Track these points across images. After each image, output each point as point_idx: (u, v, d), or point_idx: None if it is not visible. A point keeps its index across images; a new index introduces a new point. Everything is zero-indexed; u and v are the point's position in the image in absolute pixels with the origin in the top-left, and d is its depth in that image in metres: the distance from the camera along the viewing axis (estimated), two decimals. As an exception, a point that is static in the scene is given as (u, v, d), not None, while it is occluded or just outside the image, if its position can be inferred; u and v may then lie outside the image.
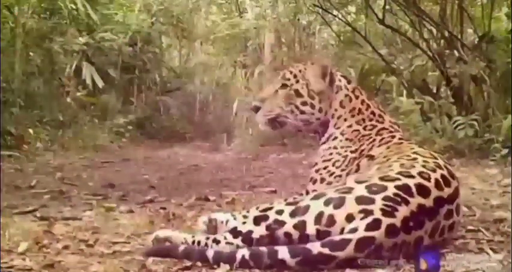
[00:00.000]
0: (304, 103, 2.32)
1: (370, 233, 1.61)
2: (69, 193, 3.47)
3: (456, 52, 5.55)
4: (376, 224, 1.63)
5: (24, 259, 1.79)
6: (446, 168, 1.92)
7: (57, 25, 8.47)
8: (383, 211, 1.65)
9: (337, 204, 1.68)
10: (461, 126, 4.95)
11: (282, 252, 1.62)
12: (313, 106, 2.32)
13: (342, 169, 2.21)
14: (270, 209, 1.77)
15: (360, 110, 2.33)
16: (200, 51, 12.68)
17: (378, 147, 2.19)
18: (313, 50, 9.95)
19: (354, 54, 7.92)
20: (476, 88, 5.49)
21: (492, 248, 1.89)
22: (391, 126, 2.33)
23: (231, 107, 10.54)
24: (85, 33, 8.94)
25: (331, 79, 2.32)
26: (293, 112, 2.32)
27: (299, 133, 2.57)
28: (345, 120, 2.32)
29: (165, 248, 1.84)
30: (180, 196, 3.39)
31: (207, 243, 1.79)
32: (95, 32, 9.07)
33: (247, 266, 1.65)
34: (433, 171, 1.84)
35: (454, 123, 5.09)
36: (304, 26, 10.02)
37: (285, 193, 3.38)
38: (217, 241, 1.77)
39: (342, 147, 2.27)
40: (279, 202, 1.92)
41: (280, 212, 1.74)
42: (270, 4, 10.12)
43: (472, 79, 5.33)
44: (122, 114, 9.40)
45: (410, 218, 1.68)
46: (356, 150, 2.24)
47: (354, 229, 1.62)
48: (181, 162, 6.37)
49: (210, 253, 1.71)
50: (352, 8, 8.42)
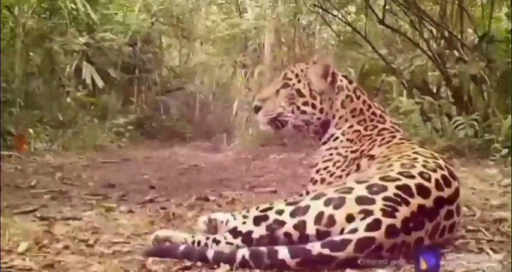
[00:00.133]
0: (305, 103, 2.30)
1: (370, 234, 1.61)
2: (69, 193, 3.48)
3: (456, 52, 5.54)
4: (376, 225, 1.63)
5: (24, 259, 1.79)
6: (447, 168, 1.91)
7: (57, 25, 8.48)
8: (383, 212, 1.65)
9: (337, 204, 1.68)
10: (461, 126, 4.94)
11: (282, 252, 1.62)
12: (314, 107, 2.30)
13: (343, 170, 2.21)
14: (270, 209, 1.77)
15: (361, 110, 2.32)
16: (200, 51, 12.68)
17: (379, 147, 2.18)
18: (313, 50, 9.95)
19: (354, 54, 7.91)
20: (476, 88, 5.48)
21: (492, 248, 1.89)
22: (392, 127, 2.32)
23: (231, 107, 10.56)
24: (85, 33, 8.95)
25: (333, 79, 2.30)
26: (294, 113, 2.30)
27: (299, 133, 2.55)
28: (346, 120, 2.31)
29: (165, 248, 1.84)
30: (180, 196, 3.39)
31: (207, 243, 1.79)
32: (95, 32, 9.07)
33: (247, 266, 1.65)
34: (434, 171, 1.84)
35: (454, 123, 5.09)
36: (304, 26, 10.02)
37: (285, 193, 3.38)
38: (217, 241, 1.77)
39: (342, 147, 2.27)
40: (279, 202, 1.92)
41: (280, 212, 1.74)
42: (270, 4, 10.11)
43: (472, 79, 5.32)
44: (122, 114, 9.41)
45: (411, 219, 1.68)
46: (357, 150, 2.23)
47: (354, 230, 1.62)
48: (181, 162, 6.37)
49: (210, 253, 1.71)
50: (352, 8, 8.41)
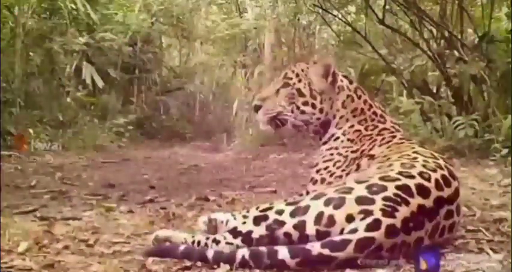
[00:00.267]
0: (305, 103, 2.30)
1: (370, 234, 1.61)
2: (69, 193, 3.48)
3: (456, 52, 5.54)
4: (376, 225, 1.63)
5: (24, 259, 1.79)
6: (447, 168, 1.91)
7: (57, 25, 8.47)
8: (383, 212, 1.65)
9: (337, 204, 1.68)
10: (461, 126, 4.94)
11: (282, 252, 1.62)
12: (314, 107, 2.29)
13: (343, 170, 2.20)
14: (270, 209, 1.77)
15: (362, 110, 2.32)
16: (200, 51, 12.68)
17: (379, 146, 2.18)
18: (313, 50, 9.95)
19: (354, 54, 7.91)
20: (476, 88, 5.48)
21: (492, 248, 1.89)
22: (393, 126, 2.32)
23: (231, 107, 10.56)
24: (85, 33, 8.94)
25: (334, 79, 2.30)
26: (294, 112, 2.30)
27: (299, 133, 2.55)
28: (346, 120, 2.31)
29: (165, 248, 1.84)
30: (180, 196, 3.39)
31: (207, 243, 1.79)
32: (95, 32, 9.07)
33: (247, 266, 1.65)
34: (434, 171, 1.84)
35: (454, 123, 5.09)
36: (304, 26, 10.02)
37: (285, 193, 3.38)
38: (217, 241, 1.77)
39: (343, 147, 2.27)
40: (279, 202, 1.92)
41: (280, 212, 1.74)
42: (270, 4, 10.11)
43: (472, 79, 5.32)
44: (122, 114, 9.41)
45: (411, 219, 1.68)
46: (357, 150, 2.23)
47: (354, 230, 1.62)
48: (181, 162, 6.38)
49: (210, 253, 1.71)
50: (352, 8, 8.41)
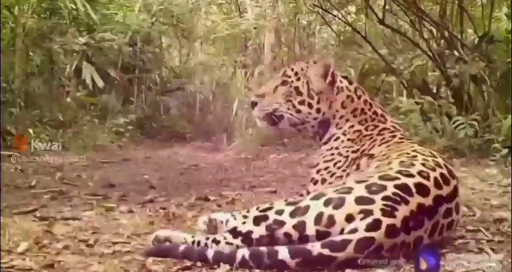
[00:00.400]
0: (302, 102, 2.30)
1: (370, 234, 1.61)
2: (69, 193, 3.47)
3: (456, 52, 5.54)
4: (376, 225, 1.63)
5: (24, 259, 1.79)
6: (446, 167, 1.92)
7: (57, 25, 8.47)
8: (383, 211, 1.65)
9: (337, 204, 1.68)
10: (461, 126, 4.93)
11: (282, 252, 1.62)
12: (310, 106, 2.29)
13: (343, 170, 2.20)
14: (270, 209, 1.77)
15: (363, 110, 2.32)
16: (200, 51, 12.69)
17: (379, 146, 2.18)
18: (313, 50, 9.95)
19: (354, 54, 7.92)
20: (476, 88, 5.48)
21: (492, 248, 1.89)
22: (393, 126, 2.32)
23: (231, 107, 10.56)
24: (85, 33, 8.94)
25: (333, 79, 2.30)
26: (290, 110, 2.30)
27: (299, 133, 2.55)
28: (346, 120, 2.31)
29: (165, 248, 1.84)
30: (180, 196, 3.39)
31: (207, 243, 1.78)
32: (95, 32, 9.07)
33: (247, 266, 1.65)
34: (433, 169, 1.84)
35: (454, 123, 5.08)
36: (304, 26, 10.02)
37: (285, 193, 3.38)
38: (217, 241, 1.77)
39: (343, 147, 2.26)
40: (279, 202, 1.92)
41: (280, 212, 1.74)
42: (270, 4, 10.12)
43: (472, 79, 5.32)
44: (122, 114, 9.40)
45: (410, 218, 1.68)
46: (357, 150, 2.23)
47: (354, 230, 1.62)
48: (181, 162, 6.38)
49: (210, 253, 1.71)
50: (352, 8, 8.42)
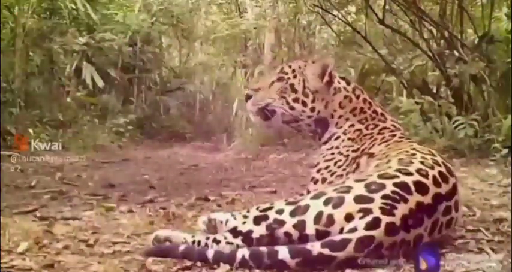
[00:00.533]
0: (296, 99, 2.29)
1: (369, 233, 1.62)
2: (69, 193, 3.47)
3: (456, 52, 5.54)
4: (375, 223, 1.63)
5: (24, 259, 1.79)
6: (445, 165, 1.92)
7: (57, 25, 8.47)
8: (382, 210, 1.65)
9: (336, 204, 1.68)
10: (461, 126, 4.93)
11: (282, 252, 1.62)
12: (304, 104, 2.29)
13: (343, 169, 2.20)
14: (270, 209, 1.77)
15: (362, 109, 2.32)
16: (200, 51, 12.68)
17: (379, 145, 2.18)
18: (313, 50, 9.95)
19: (354, 54, 7.91)
20: (476, 88, 5.48)
21: (492, 248, 1.89)
22: (393, 125, 2.32)
23: (231, 107, 10.55)
24: (85, 33, 8.94)
25: (330, 80, 2.29)
26: (282, 107, 2.30)
27: (299, 133, 2.55)
28: (346, 119, 2.30)
29: (165, 248, 1.84)
30: (180, 196, 3.39)
31: (207, 243, 1.78)
32: (95, 32, 9.06)
33: (247, 266, 1.65)
34: (431, 167, 1.85)
35: (454, 123, 5.08)
36: (304, 26, 10.02)
37: (285, 193, 3.38)
38: (217, 241, 1.77)
39: (344, 146, 2.26)
40: (279, 202, 1.92)
41: (280, 212, 1.74)
42: (270, 4, 10.12)
43: (472, 79, 5.32)
44: (122, 114, 9.40)
45: (410, 216, 1.68)
46: (357, 149, 2.22)
47: (353, 229, 1.62)
48: (181, 162, 6.37)
49: (210, 253, 1.71)
50: (352, 8, 8.42)
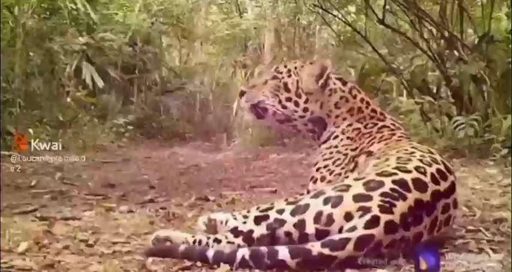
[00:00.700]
0: (288, 98, 2.30)
1: (369, 231, 1.62)
2: (69, 193, 3.47)
3: (456, 52, 5.55)
4: (374, 222, 1.63)
5: (24, 259, 1.79)
6: (443, 163, 1.92)
7: (57, 25, 8.48)
8: (381, 208, 1.65)
9: (336, 203, 1.68)
10: (461, 126, 4.93)
11: (282, 252, 1.62)
12: (297, 104, 2.30)
13: (342, 168, 2.20)
14: (270, 209, 1.77)
15: (360, 109, 2.32)
16: (200, 51, 12.68)
17: (378, 143, 2.18)
18: (313, 50, 9.95)
19: (354, 54, 7.92)
20: (476, 88, 5.48)
21: (492, 248, 1.89)
22: (392, 124, 2.32)
23: (231, 107, 10.56)
24: (85, 33, 8.94)
25: (325, 82, 2.29)
26: (275, 105, 2.31)
27: (299, 133, 2.56)
28: (344, 119, 2.30)
29: (165, 248, 1.84)
30: (180, 196, 3.39)
31: (208, 242, 1.78)
32: (95, 32, 9.07)
33: (247, 267, 1.65)
34: (429, 165, 1.85)
35: (454, 123, 5.09)
36: (304, 26, 10.03)
37: (285, 193, 3.38)
38: (218, 241, 1.77)
39: (342, 145, 2.26)
40: (280, 202, 1.92)
41: (280, 211, 1.74)
42: (270, 4, 10.13)
43: (472, 79, 5.33)
44: (122, 114, 9.40)
45: (409, 214, 1.68)
46: (356, 148, 2.23)
47: (353, 228, 1.62)
48: (181, 162, 6.37)
49: (210, 253, 1.71)
50: (352, 8, 8.41)
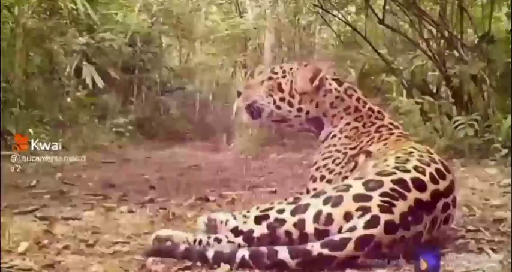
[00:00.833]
0: (282, 99, 2.31)
1: (368, 231, 1.61)
2: (69, 193, 3.48)
3: (456, 52, 5.55)
4: (374, 222, 1.63)
5: (24, 259, 1.79)
6: (441, 162, 1.93)
7: (57, 25, 8.46)
8: (380, 208, 1.65)
9: (335, 202, 1.68)
10: (461, 126, 4.94)
11: (282, 253, 1.62)
12: (291, 104, 2.31)
13: (342, 167, 2.20)
14: (270, 209, 1.78)
15: (356, 108, 2.32)
16: (200, 51, 12.69)
17: (376, 143, 2.18)
18: (313, 50, 9.96)
19: (354, 54, 7.93)
20: (476, 88, 5.49)
21: (492, 248, 1.89)
22: (391, 123, 2.32)
23: (231, 107, 10.55)
24: (85, 33, 8.94)
25: (320, 84, 2.30)
26: (269, 106, 2.32)
27: (299, 133, 2.56)
28: (341, 118, 2.30)
29: (165, 248, 1.84)
30: (180, 196, 3.39)
31: (209, 242, 1.79)
32: (95, 32, 9.06)
33: (247, 267, 1.65)
34: (428, 165, 1.85)
35: (454, 123, 5.09)
36: (304, 26, 10.03)
37: (285, 193, 3.38)
38: (218, 240, 1.77)
39: (341, 144, 2.26)
40: (280, 202, 1.92)
41: (280, 211, 1.74)
42: (270, 4, 10.13)
43: (472, 79, 5.33)
44: (122, 114, 9.40)
45: (409, 214, 1.68)
46: (355, 147, 2.23)
47: (353, 228, 1.62)
48: (181, 162, 6.37)
49: (210, 253, 1.71)
50: (352, 8, 8.43)
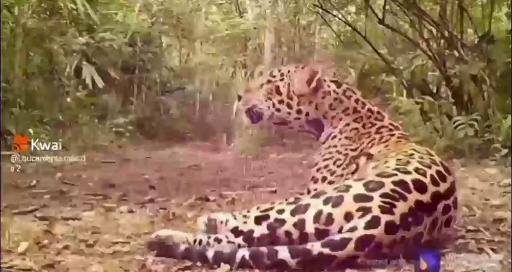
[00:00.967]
0: (281, 101, 2.32)
1: (369, 232, 1.62)
2: (69, 193, 3.48)
3: (456, 52, 5.55)
4: (375, 222, 1.63)
5: (24, 259, 1.79)
6: (442, 164, 1.93)
7: (57, 25, 8.46)
8: (381, 208, 1.65)
9: (336, 203, 1.69)
10: (461, 126, 4.94)
11: (282, 252, 1.62)
12: (289, 106, 2.32)
13: (343, 168, 2.20)
14: (270, 209, 1.78)
15: (355, 109, 2.32)
16: (200, 51, 12.68)
17: (377, 145, 2.19)
18: (313, 50, 9.96)
19: (354, 54, 7.92)
20: (476, 88, 5.49)
21: (492, 248, 1.89)
22: (391, 124, 2.32)
23: (231, 107, 10.55)
24: (85, 33, 8.93)
25: (317, 85, 2.30)
26: (269, 109, 2.33)
27: (299, 133, 2.56)
28: (340, 119, 2.31)
29: (165, 246, 1.83)
30: (180, 196, 3.39)
31: (209, 242, 1.79)
32: (95, 32, 9.06)
33: (247, 267, 1.65)
34: (429, 167, 1.85)
35: (454, 123, 5.09)
36: (304, 26, 10.03)
37: (285, 193, 3.38)
38: (218, 240, 1.78)
39: (341, 145, 2.27)
40: (280, 202, 1.92)
41: (281, 211, 1.74)
42: (270, 4, 10.13)
43: (472, 79, 5.33)
44: (122, 114, 9.40)
45: (409, 214, 1.68)
46: (356, 149, 2.23)
47: (353, 228, 1.63)
48: (181, 162, 6.37)
49: (210, 253, 1.71)
50: (352, 8, 8.43)
